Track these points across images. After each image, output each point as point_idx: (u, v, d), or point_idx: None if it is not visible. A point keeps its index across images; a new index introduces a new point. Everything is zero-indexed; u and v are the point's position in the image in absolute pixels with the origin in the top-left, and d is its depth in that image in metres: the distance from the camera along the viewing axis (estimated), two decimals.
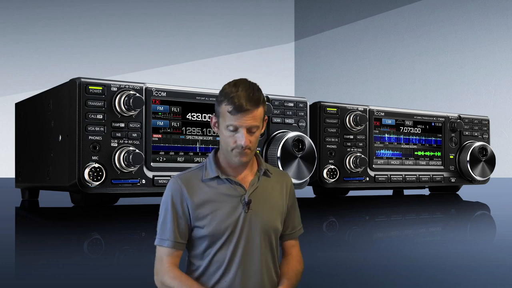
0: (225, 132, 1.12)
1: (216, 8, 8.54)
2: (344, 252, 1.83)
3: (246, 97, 1.10)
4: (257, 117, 1.11)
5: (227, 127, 1.11)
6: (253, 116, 1.11)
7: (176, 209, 1.12)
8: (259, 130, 1.13)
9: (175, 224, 1.12)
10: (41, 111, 2.61)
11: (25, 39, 7.49)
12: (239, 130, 1.10)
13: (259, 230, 1.13)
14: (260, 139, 2.71)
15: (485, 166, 3.58)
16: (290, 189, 1.22)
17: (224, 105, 1.11)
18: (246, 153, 1.12)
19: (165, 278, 1.10)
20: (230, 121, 1.10)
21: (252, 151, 1.13)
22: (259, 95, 1.11)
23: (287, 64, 9.13)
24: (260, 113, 1.12)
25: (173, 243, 1.12)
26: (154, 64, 8.13)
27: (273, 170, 1.20)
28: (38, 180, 2.67)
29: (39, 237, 1.99)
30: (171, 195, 1.13)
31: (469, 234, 2.26)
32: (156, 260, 1.13)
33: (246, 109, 1.09)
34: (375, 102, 4.92)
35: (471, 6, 6.60)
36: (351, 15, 8.14)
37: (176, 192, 1.13)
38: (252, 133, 1.12)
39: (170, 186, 1.14)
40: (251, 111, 1.10)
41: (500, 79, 6.32)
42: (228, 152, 1.12)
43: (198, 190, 1.13)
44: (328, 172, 3.00)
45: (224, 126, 1.11)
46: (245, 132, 1.10)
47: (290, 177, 1.23)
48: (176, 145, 2.48)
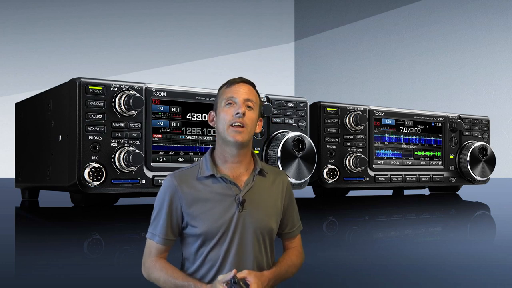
0: (222, 112, 1.14)
1: (216, 8, 8.54)
2: (344, 252, 1.83)
3: (241, 77, 1.18)
4: (253, 94, 1.16)
5: (225, 103, 1.14)
6: (248, 91, 1.16)
7: (169, 206, 1.13)
8: (255, 112, 1.15)
9: (167, 221, 1.13)
10: (41, 111, 2.61)
11: (25, 39, 7.49)
12: (236, 101, 1.14)
13: (253, 230, 1.13)
14: (259, 139, 2.72)
15: (485, 166, 3.58)
16: (287, 188, 1.21)
17: (221, 88, 1.17)
18: (243, 131, 1.12)
19: (151, 271, 1.13)
20: (228, 94, 1.15)
21: (249, 133, 1.14)
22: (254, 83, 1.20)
23: (287, 64, 9.13)
24: (255, 94, 1.17)
25: (163, 240, 1.14)
26: (154, 64, 8.13)
27: (269, 169, 1.20)
28: (38, 180, 2.67)
29: (39, 237, 1.99)
30: (165, 192, 1.14)
31: (469, 234, 2.26)
32: (145, 251, 1.16)
33: (241, 81, 1.16)
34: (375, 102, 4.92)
35: (471, 6, 6.60)
36: (351, 15, 8.14)
37: (170, 190, 1.13)
38: (248, 109, 1.14)
39: (165, 183, 1.15)
40: (245, 85, 1.16)
41: (500, 79, 6.32)
42: (224, 132, 1.13)
43: (193, 188, 1.13)
44: (328, 172, 3.00)
45: (222, 105, 1.15)
46: (241, 102, 1.14)
47: (286, 176, 1.23)
48: (176, 145, 2.48)
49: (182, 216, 1.13)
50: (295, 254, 1.21)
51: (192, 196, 1.12)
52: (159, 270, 1.12)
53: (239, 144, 1.13)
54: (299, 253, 1.22)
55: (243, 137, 1.12)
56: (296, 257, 1.21)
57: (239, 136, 1.12)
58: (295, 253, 1.22)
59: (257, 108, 1.16)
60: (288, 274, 1.18)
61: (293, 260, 1.20)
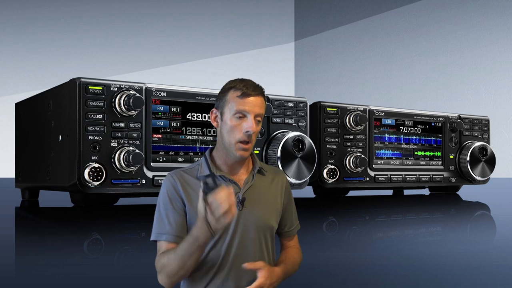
0: (231, 122, 1.11)
1: (216, 8, 8.53)
2: (344, 252, 1.83)
3: (253, 84, 1.12)
4: (263, 107, 1.13)
5: (235, 115, 1.10)
6: (261, 104, 1.12)
7: (172, 204, 1.12)
8: (261, 123, 1.14)
9: (173, 219, 1.11)
10: (41, 111, 2.61)
11: (25, 39, 7.48)
12: (248, 116, 1.10)
13: (253, 229, 1.12)
14: (259, 139, 2.72)
15: (485, 166, 3.58)
16: (286, 187, 1.21)
17: (232, 91, 1.11)
18: (249, 148, 1.12)
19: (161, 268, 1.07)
20: (240, 106, 1.10)
21: (252, 146, 1.13)
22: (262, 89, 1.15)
23: (287, 64, 9.12)
24: (264, 106, 1.14)
25: (172, 236, 1.10)
26: (154, 64, 8.13)
27: (267, 168, 1.20)
28: (38, 180, 2.67)
29: (39, 237, 1.99)
30: (166, 191, 1.13)
31: (469, 234, 2.26)
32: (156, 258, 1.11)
33: (256, 94, 1.11)
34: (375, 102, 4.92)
35: (471, 6, 6.60)
36: (351, 15, 8.14)
37: (170, 187, 1.13)
38: (257, 124, 1.12)
39: (165, 182, 1.14)
40: (259, 97, 1.11)
41: (500, 79, 6.32)
42: (230, 146, 1.11)
43: (192, 187, 1.12)
44: (328, 172, 3.00)
45: (231, 114, 1.11)
46: (253, 118, 1.10)
47: (285, 175, 1.23)
48: (176, 145, 2.48)
49: (185, 212, 1.12)
50: (296, 252, 1.22)
51: (191, 195, 1.12)
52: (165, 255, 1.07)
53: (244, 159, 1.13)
54: (299, 251, 1.23)
55: (248, 153, 1.13)
56: (297, 255, 1.22)
57: (246, 153, 1.12)
58: (296, 251, 1.22)
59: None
60: (292, 272, 1.18)
61: (295, 258, 1.21)
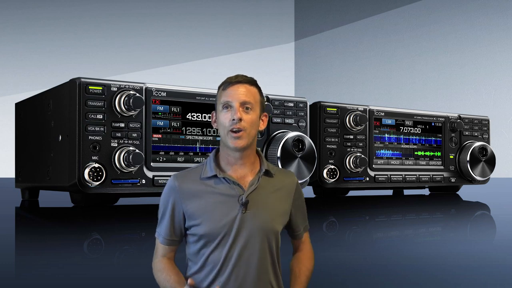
0: (220, 116, 1.11)
1: (216, 8, 8.54)
2: (344, 252, 1.83)
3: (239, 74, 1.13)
4: (250, 94, 1.11)
5: (222, 108, 1.11)
6: (246, 91, 1.11)
7: (172, 207, 1.13)
8: (255, 112, 1.12)
9: (170, 222, 1.13)
10: (41, 111, 2.61)
11: (25, 39, 7.49)
12: (233, 104, 1.10)
13: (256, 232, 1.10)
14: (259, 138, 2.72)
15: (485, 166, 3.58)
16: (296, 189, 1.18)
17: (221, 90, 1.13)
18: (242, 136, 1.10)
19: (154, 272, 1.15)
20: (224, 97, 1.11)
21: (249, 135, 1.11)
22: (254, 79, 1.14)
23: (287, 64, 9.13)
24: (254, 92, 1.12)
25: (165, 240, 1.14)
26: (154, 64, 8.13)
27: (276, 171, 1.17)
28: (38, 180, 2.67)
29: (39, 237, 1.99)
30: (167, 194, 1.14)
31: (469, 234, 2.26)
32: (155, 248, 1.17)
33: (237, 81, 1.11)
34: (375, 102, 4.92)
35: (471, 6, 6.60)
36: (351, 15, 8.14)
37: (172, 191, 1.13)
38: (246, 111, 1.11)
39: (168, 184, 1.14)
40: (243, 84, 1.11)
41: (500, 79, 6.32)
42: (225, 139, 1.11)
43: (194, 188, 1.12)
44: (328, 172, 3.00)
45: (220, 109, 1.12)
46: (238, 106, 1.10)
47: (295, 177, 1.20)
48: (176, 145, 2.48)
49: (184, 218, 1.12)
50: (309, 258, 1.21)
51: (193, 197, 1.11)
52: (159, 271, 1.13)
53: (240, 149, 1.11)
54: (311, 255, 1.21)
55: (243, 142, 1.10)
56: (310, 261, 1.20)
57: (239, 142, 1.10)
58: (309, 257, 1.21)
59: (258, 106, 1.13)
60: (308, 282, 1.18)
61: (308, 267, 1.19)
